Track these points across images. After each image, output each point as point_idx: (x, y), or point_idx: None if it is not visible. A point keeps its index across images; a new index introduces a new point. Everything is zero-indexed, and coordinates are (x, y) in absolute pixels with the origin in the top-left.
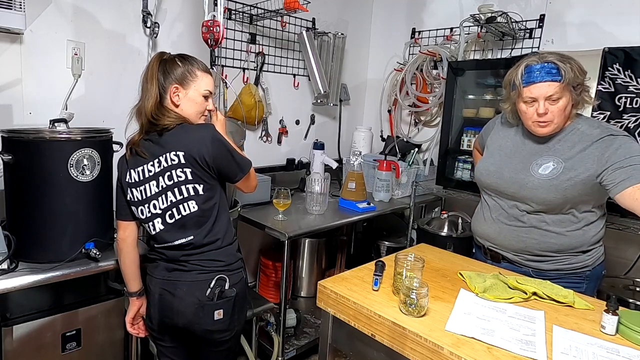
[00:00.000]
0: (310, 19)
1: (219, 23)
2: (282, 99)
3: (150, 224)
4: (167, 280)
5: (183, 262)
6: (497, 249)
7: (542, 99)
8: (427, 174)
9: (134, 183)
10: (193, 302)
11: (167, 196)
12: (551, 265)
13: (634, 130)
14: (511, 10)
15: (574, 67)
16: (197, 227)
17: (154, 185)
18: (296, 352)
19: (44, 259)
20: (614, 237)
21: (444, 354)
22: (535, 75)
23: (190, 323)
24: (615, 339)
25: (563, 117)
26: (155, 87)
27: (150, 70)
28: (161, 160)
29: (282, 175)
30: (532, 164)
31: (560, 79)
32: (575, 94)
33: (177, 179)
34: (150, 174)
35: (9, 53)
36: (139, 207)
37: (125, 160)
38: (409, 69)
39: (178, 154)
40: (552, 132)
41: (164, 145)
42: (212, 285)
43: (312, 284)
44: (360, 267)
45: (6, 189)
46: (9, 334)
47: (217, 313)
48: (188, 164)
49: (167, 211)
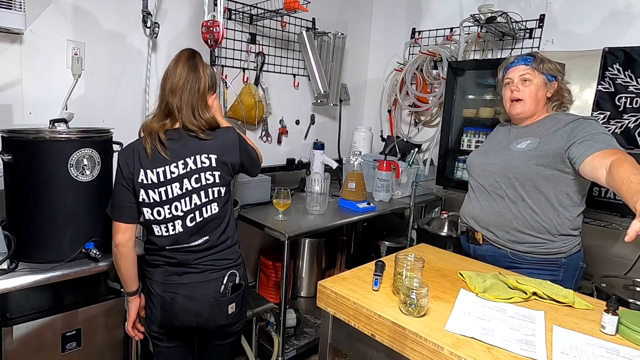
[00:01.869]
0: (310, 19)
1: (218, 23)
2: (282, 99)
3: (170, 225)
4: (179, 284)
5: (195, 264)
6: (480, 228)
7: (515, 78)
8: (427, 174)
9: (151, 184)
10: (209, 301)
11: (192, 199)
12: (528, 248)
13: (634, 130)
14: (511, 10)
15: (547, 62)
16: (214, 228)
17: (176, 187)
18: (296, 352)
19: (44, 259)
20: (614, 237)
21: (444, 354)
22: (513, 62)
23: (205, 321)
24: (615, 339)
25: (533, 100)
26: (204, 84)
27: (200, 61)
28: (188, 162)
29: (282, 175)
30: (513, 142)
31: (531, 63)
32: (551, 86)
33: (205, 182)
34: (173, 175)
35: (9, 53)
36: (155, 208)
37: (138, 160)
38: (409, 69)
39: (210, 156)
40: (522, 113)
41: (191, 147)
42: (225, 282)
43: (312, 284)
44: (360, 267)
45: (6, 189)
46: (9, 334)
47: (230, 307)
48: (218, 167)
49: (189, 213)
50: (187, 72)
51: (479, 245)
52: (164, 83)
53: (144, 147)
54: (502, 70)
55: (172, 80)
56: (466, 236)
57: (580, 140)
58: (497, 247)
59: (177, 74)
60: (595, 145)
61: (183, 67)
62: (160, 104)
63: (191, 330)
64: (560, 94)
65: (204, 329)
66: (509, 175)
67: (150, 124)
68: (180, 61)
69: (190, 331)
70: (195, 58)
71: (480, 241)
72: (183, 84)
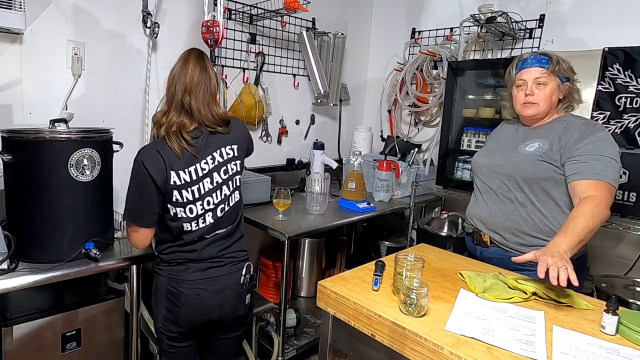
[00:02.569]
0: (310, 19)
1: (218, 23)
2: (282, 99)
3: (200, 220)
4: (204, 280)
5: (219, 257)
6: (488, 230)
7: (530, 81)
8: (427, 174)
9: (184, 184)
10: (231, 293)
11: (222, 190)
12: None
13: (634, 130)
14: (511, 10)
15: (562, 63)
16: (235, 216)
17: (207, 182)
18: (296, 352)
19: (44, 259)
20: (614, 237)
21: (444, 354)
22: (527, 62)
23: (227, 313)
24: (615, 339)
25: (548, 104)
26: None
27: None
28: (215, 156)
29: (282, 175)
30: (521, 144)
31: (547, 66)
32: (563, 88)
33: (231, 172)
34: (204, 172)
35: (9, 53)
36: (188, 206)
37: (168, 162)
38: (409, 69)
39: (233, 147)
40: (536, 115)
41: (215, 141)
42: (244, 273)
43: (312, 284)
44: (360, 267)
45: (6, 189)
46: (9, 334)
47: (247, 297)
48: (240, 156)
49: (220, 205)
50: (199, 73)
51: (486, 247)
52: (173, 80)
53: (170, 147)
54: (514, 68)
55: (184, 80)
56: (472, 238)
57: (577, 158)
58: (505, 249)
59: (189, 74)
60: (586, 172)
61: (194, 67)
62: (171, 102)
63: (211, 324)
64: (572, 94)
65: (223, 321)
66: (517, 178)
67: (169, 121)
68: (190, 61)
69: (210, 325)
70: (204, 59)
71: (488, 243)
72: (197, 84)
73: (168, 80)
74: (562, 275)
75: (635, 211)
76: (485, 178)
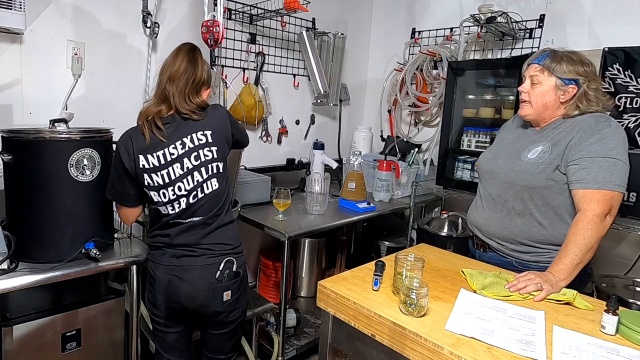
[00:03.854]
0: (310, 19)
1: (218, 23)
2: (282, 99)
3: (175, 204)
4: (177, 267)
5: (194, 246)
6: (484, 237)
7: (527, 77)
8: (427, 174)
9: (152, 168)
10: (204, 286)
11: (194, 176)
12: (533, 257)
13: (634, 130)
14: (511, 10)
15: (564, 63)
16: (214, 205)
17: (178, 168)
18: (296, 352)
19: (44, 259)
20: (614, 237)
21: (444, 354)
22: (533, 59)
23: (200, 306)
24: (615, 339)
25: (539, 104)
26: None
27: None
28: (185, 141)
29: (282, 175)
30: (525, 150)
31: (542, 62)
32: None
33: (205, 158)
34: (172, 156)
35: (9, 53)
36: (160, 190)
37: (137, 146)
38: (409, 69)
39: (205, 133)
40: (527, 116)
41: (186, 127)
42: (222, 268)
43: (312, 284)
44: (360, 267)
45: (6, 189)
46: (9, 334)
47: (225, 294)
48: (215, 142)
49: (192, 191)
50: (186, 63)
51: (484, 252)
52: (162, 71)
53: (142, 133)
54: (525, 65)
55: (170, 69)
56: (472, 240)
57: (578, 161)
58: (502, 255)
59: (177, 64)
60: (586, 180)
61: (183, 58)
62: (157, 92)
63: (188, 313)
64: (586, 98)
65: (199, 314)
66: (517, 187)
67: (147, 110)
68: (180, 53)
69: (188, 315)
70: (195, 52)
71: (486, 248)
72: (181, 73)
73: (159, 72)
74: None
75: (635, 211)
76: (487, 184)
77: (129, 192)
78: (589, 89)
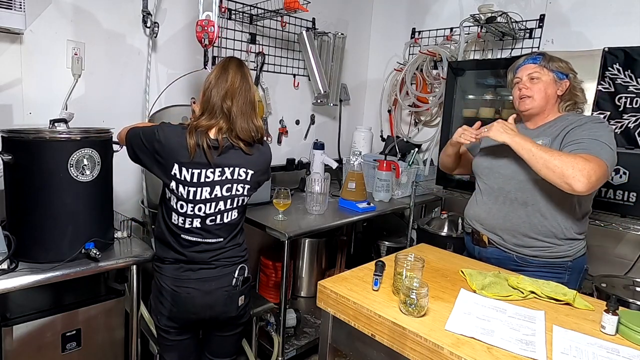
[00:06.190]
0: (310, 19)
1: (213, 23)
2: (282, 99)
3: (188, 219)
4: (193, 280)
5: (210, 261)
6: (486, 231)
7: (524, 77)
8: (427, 174)
9: (183, 181)
10: (222, 294)
11: (217, 204)
12: (533, 252)
13: (634, 130)
14: (511, 10)
15: (557, 60)
16: (229, 231)
17: (206, 192)
18: (296, 352)
19: (44, 259)
20: (614, 237)
21: (444, 354)
22: (522, 62)
23: (218, 313)
24: (615, 339)
25: (542, 97)
26: (254, 94)
27: (248, 71)
28: (225, 171)
29: (282, 175)
30: None
31: (539, 62)
32: (562, 84)
33: (235, 192)
34: (207, 179)
35: (9, 53)
36: (180, 202)
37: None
38: (409, 69)
39: (248, 171)
40: (531, 109)
41: (232, 158)
42: (237, 275)
43: (312, 284)
44: (360, 267)
45: (6, 189)
46: (9, 334)
47: (240, 299)
48: (251, 182)
49: (210, 216)
50: (240, 80)
51: (484, 247)
52: (211, 87)
53: (187, 141)
54: (511, 71)
55: (224, 85)
56: (471, 237)
57: (570, 143)
58: (503, 250)
59: (230, 79)
60: (580, 149)
61: (235, 74)
62: (206, 107)
63: (203, 322)
64: (573, 92)
65: (216, 321)
66: (520, 178)
67: (198, 124)
68: (230, 68)
69: (202, 323)
70: (243, 67)
71: (487, 244)
72: (238, 90)
73: (204, 85)
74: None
75: (635, 211)
76: (487, 178)
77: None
78: (576, 83)
